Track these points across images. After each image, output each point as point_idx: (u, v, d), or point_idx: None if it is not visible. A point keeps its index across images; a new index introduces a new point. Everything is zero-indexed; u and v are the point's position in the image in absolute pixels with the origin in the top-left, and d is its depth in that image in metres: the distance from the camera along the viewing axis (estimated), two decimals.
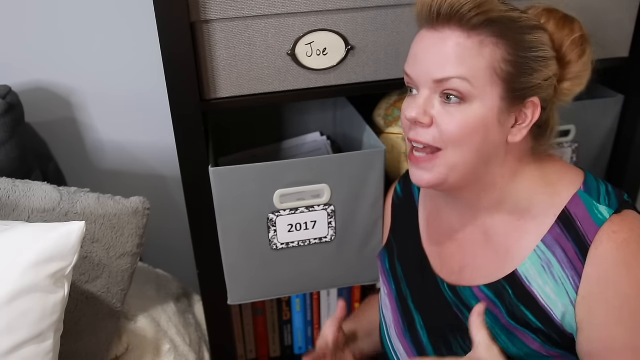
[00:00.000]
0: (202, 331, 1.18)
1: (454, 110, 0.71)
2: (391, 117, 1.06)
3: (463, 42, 0.69)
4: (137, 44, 1.26)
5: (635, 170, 1.14)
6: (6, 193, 0.94)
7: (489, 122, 0.71)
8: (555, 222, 0.74)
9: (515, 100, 0.71)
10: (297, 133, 1.25)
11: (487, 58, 0.69)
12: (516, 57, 0.70)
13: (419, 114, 0.72)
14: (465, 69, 0.69)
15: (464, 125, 0.71)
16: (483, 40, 0.69)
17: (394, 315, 0.90)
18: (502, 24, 0.70)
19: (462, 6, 0.68)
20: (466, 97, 0.70)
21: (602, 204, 0.73)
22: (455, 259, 0.84)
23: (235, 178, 0.92)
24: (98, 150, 1.36)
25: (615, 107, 1.10)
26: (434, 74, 0.71)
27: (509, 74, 0.70)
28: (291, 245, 0.99)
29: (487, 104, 0.70)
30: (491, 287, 0.78)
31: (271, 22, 0.88)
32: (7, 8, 1.19)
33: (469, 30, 0.69)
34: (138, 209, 0.97)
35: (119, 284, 0.97)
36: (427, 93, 0.72)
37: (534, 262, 0.75)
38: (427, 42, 0.72)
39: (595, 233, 0.71)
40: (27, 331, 0.76)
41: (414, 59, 0.74)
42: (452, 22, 0.70)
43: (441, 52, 0.70)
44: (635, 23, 1.03)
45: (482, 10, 0.69)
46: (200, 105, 0.89)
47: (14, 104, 1.12)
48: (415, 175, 0.76)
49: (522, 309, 0.75)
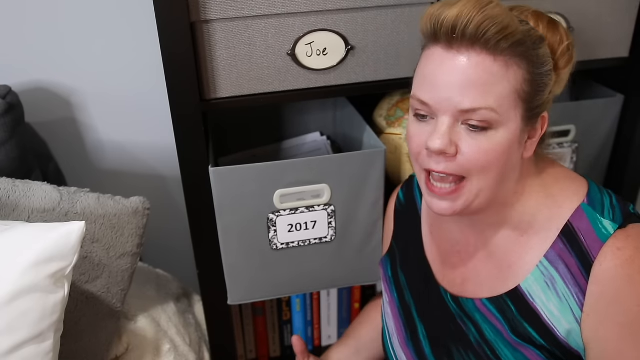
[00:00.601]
0: (202, 331, 1.18)
1: (480, 138, 0.67)
2: (393, 117, 1.06)
3: (490, 65, 0.65)
4: (137, 44, 1.26)
5: (635, 171, 1.14)
6: (6, 193, 0.94)
7: (512, 145, 0.69)
8: (558, 237, 0.72)
9: (533, 119, 0.70)
10: (297, 133, 1.25)
11: (512, 82, 0.66)
12: (534, 75, 0.68)
13: (445, 145, 0.67)
14: (492, 99, 0.66)
15: (492, 151, 0.68)
16: (507, 61, 0.66)
17: (396, 323, 0.90)
18: (524, 43, 0.67)
19: (489, 29, 0.64)
20: (493, 125, 0.67)
21: (606, 218, 0.71)
22: (457, 271, 0.83)
23: (235, 178, 0.92)
24: (98, 150, 1.36)
25: (615, 107, 1.10)
26: (461, 104, 0.66)
27: (528, 94, 0.68)
28: (291, 245, 0.99)
29: (511, 128, 0.68)
30: (493, 302, 0.77)
31: (271, 22, 0.88)
32: (7, 8, 1.19)
33: (494, 54, 0.65)
34: (138, 209, 0.97)
35: (119, 284, 0.97)
36: (449, 121, 0.67)
37: (537, 278, 0.73)
38: (448, 66, 0.67)
39: (599, 249, 0.69)
40: (27, 331, 0.76)
41: (431, 86, 0.68)
42: (477, 45, 0.65)
43: (466, 78, 0.66)
44: (635, 23, 1.03)
45: (508, 32, 0.65)
46: (200, 105, 0.89)
47: (14, 104, 1.12)
48: (437, 205, 0.72)
49: (525, 326, 0.74)
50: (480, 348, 0.78)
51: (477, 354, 0.78)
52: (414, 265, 0.89)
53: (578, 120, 1.07)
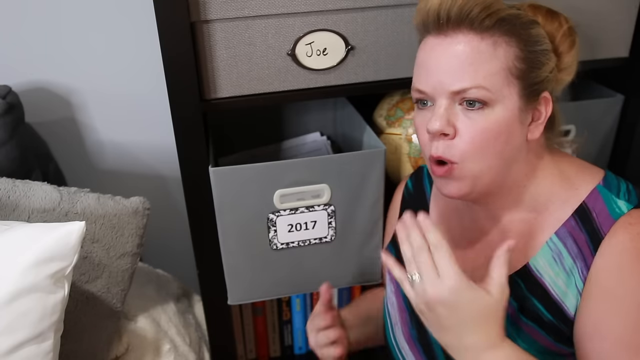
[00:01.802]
0: (202, 331, 1.18)
1: (477, 117, 0.69)
2: (393, 117, 1.06)
3: (477, 45, 0.68)
4: (137, 44, 1.26)
5: (635, 171, 1.14)
6: (6, 193, 0.94)
7: (512, 123, 0.70)
8: (572, 216, 0.73)
9: (531, 97, 0.71)
10: (297, 133, 1.25)
11: (502, 59, 0.69)
12: (527, 53, 0.70)
13: (443, 126, 0.70)
14: (481, 77, 0.68)
15: (489, 130, 0.69)
16: (496, 40, 0.69)
17: (400, 313, 0.90)
18: (510, 21, 0.70)
19: (472, 9, 0.67)
20: (488, 102, 0.69)
21: (621, 199, 0.72)
22: (467, 258, 0.83)
23: (235, 178, 0.92)
24: (98, 150, 1.36)
25: (615, 107, 1.10)
26: (451, 86, 0.69)
27: (522, 71, 0.70)
28: (291, 245, 0.99)
29: (508, 105, 0.70)
30: None
31: (271, 22, 0.88)
32: (7, 8, 1.19)
33: (481, 32, 0.69)
34: (138, 209, 0.97)
35: (119, 284, 0.97)
36: (446, 102, 0.70)
37: (545, 253, 0.74)
38: (437, 50, 0.70)
39: (610, 226, 0.70)
40: (27, 331, 0.76)
41: (425, 72, 0.72)
42: (463, 26, 0.69)
43: (454, 59, 0.69)
44: (635, 23, 1.03)
45: (492, 10, 0.68)
46: (200, 105, 0.89)
47: (14, 104, 1.12)
48: (447, 187, 0.74)
49: (533, 301, 0.74)
50: None
51: None
52: None
53: (578, 120, 1.07)
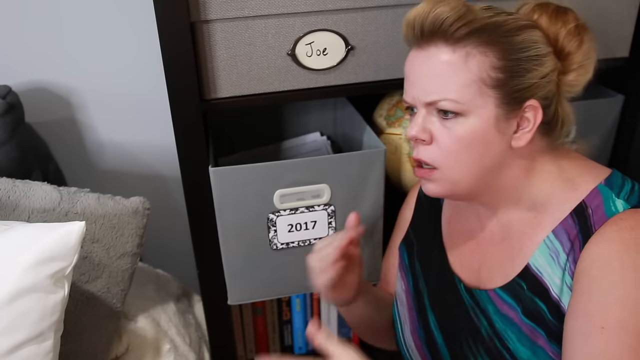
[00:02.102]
0: (202, 331, 1.18)
1: (451, 125, 0.71)
2: (393, 117, 1.06)
3: (448, 58, 0.69)
4: (137, 44, 1.26)
5: (635, 171, 1.14)
6: (6, 193, 0.94)
7: (488, 132, 0.71)
8: (569, 214, 0.73)
9: (512, 105, 0.71)
10: (297, 133, 1.25)
11: (474, 70, 0.69)
12: (506, 62, 0.69)
13: (418, 132, 0.73)
14: (450, 90, 0.70)
15: (463, 138, 0.71)
16: (469, 51, 0.69)
17: (409, 312, 0.90)
18: (486, 31, 0.69)
19: (444, 20, 0.68)
20: (460, 113, 0.71)
21: (620, 199, 0.71)
22: (474, 257, 0.84)
23: (235, 178, 0.92)
24: (98, 150, 1.36)
25: (615, 107, 1.10)
26: (424, 97, 0.72)
27: (499, 80, 0.69)
28: (291, 245, 0.99)
29: (482, 115, 0.70)
30: (506, 288, 0.77)
31: (271, 22, 0.88)
32: (7, 8, 1.19)
33: (453, 44, 0.69)
34: (138, 209, 0.97)
35: (119, 284, 0.97)
36: (424, 111, 0.74)
37: (543, 251, 0.74)
38: (415, 63, 0.73)
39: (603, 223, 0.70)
40: (27, 331, 0.76)
41: (407, 82, 0.76)
42: (436, 38, 0.70)
43: (427, 73, 0.72)
44: (635, 23, 1.03)
45: (465, 21, 0.68)
46: (200, 105, 0.89)
47: (14, 104, 1.12)
48: (426, 187, 0.78)
49: (536, 301, 0.74)
50: (490, 341, 0.78)
51: (486, 347, 0.78)
52: (431, 254, 0.89)
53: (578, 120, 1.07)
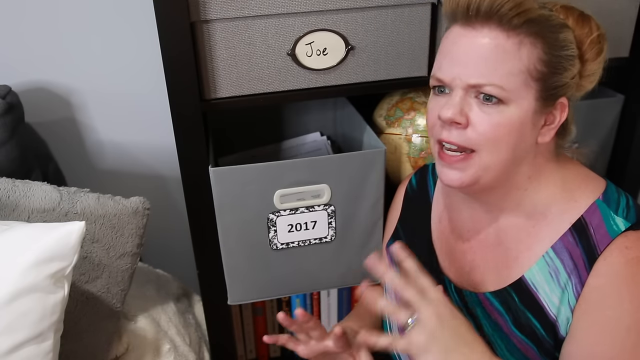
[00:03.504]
0: (202, 331, 1.18)
1: (491, 111, 0.69)
2: (393, 117, 1.06)
3: (502, 43, 0.68)
4: (137, 44, 1.26)
5: (635, 170, 1.14)
6: (6, 193, 0.94)
7: (524, 123, 0.70)
8: (569, 230, 0.73)
9: (548, 101, 0.71)
10: (297, 133, 1.25)
11: (524, 60, 0.68)
12: (551, 57, 0.69)
13: (455, 114, 0.70)
14: (499, 76, 0.68)
15: (501, 126, 0.69)
16: (522, 40, 0.68)
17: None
18: (539, 23, 0.69)
19: (503, 5, 0.67)
20: (503, 100, 0.69)
21: (619, 216, 0.71)
22: (466, 258, 0.83)
23: (235, 178, 0.92)
24: (98, 150, 1.36)
25: (615, 107, 1.10)
26: (469, 78, 0.69)
27: (543, 74, 0.69)
28: (291, 245, 0.99)
29: (523, 105, 0.70)
30: (497, 295, 0.77)
31: (271, 22, 0.88)
32: (7, 8, 1.19)
33: (508, 30, 0.68)
34: (138, 209, 0.97)
35: (119, 284, 0.97)
36: (462, 93, 0.71)
37: (542, 268, 0.74)
38: (463, 42, 0.70)
39: (607, 244, 0.69)
40: (27, 331, 0.76)
41: (449, 61, 0.72)
42: (492, 21, 0.68)
43: (477, 53, 0.69)
44: (635, 23, 1.03)
45: (522, 9, 0.67)
46: (200, 105, 0.89)
47: (14, 104, 1.12)
48: (448, 175, 0.74)
49: (528, 316, 0.74)
50: None
51: None
52: (419, 253, 0.89)
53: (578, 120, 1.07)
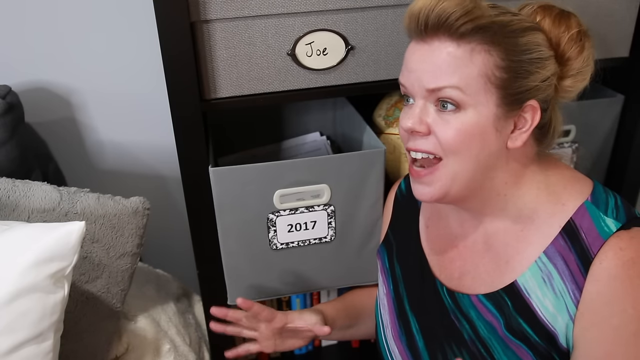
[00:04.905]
0: (202, 331, 1.18)
1: (449, 118, 0.70)
2: (392, 117, 1.06)
3: (453, 51, 0.68)
4: (137, 44, 1.26)
5: (635, 171, 1.14)
6: (6, 193, 0.94)
7: (485, 129, 0.70)
8: (559, 234, 0.72)
9: (513, 105, 0.70)
10: (297, 133, 1.25)
11: (479, 66, 0.68)
12: (509, 62, 0.69)
13: (414, 123, 0.72)
14: (457, 78, 0.68)
15: (461, 132, 0.70)
16: (474, 47, 0.68)
17: (390, 316, 0.90)
18: (492, 30, 0.68)
19: (449, 15, 0.67)
20: (460, 105, 0.69)
21: (609, 217, 0.71)
22: (455, 265, 0.83)
23: (235, 178, 0.92)
24: (98, 150, 1.36)
25: (615, 107, 1.10)
26: (427, 84, 0.70)
27: (503, 80, 0.69)
28: (291, 245, 0.99)
29: (481, 111, 0.69)
30: (490, 297, 0.77)
31: (271, 22, 0.88)
32: (7, 8, 1.19)
33: (457, 39, 0.68)
34: (138, 209, 0.97)
35: (119, 284, 0.97)
36: (422, 102, 0.72)
37: (534, 273, 0.73)
38: (417, 55, 0.72)
39: (600, 246, 0.69)
40: (27, 331, 0.76)
41: (407, 70, 0.74)
42: (440, 32, 0.69)
43: (433, 62, 0.70)
44: (635, 23, 1.03)
45: (470, 17, 0.67)
46: (200, 105, 0.89)
47: (14, 104, 1.12)
48: (417, 190, 0.76)
49: (520, 321, 0.74)
50: (473, 345, 0.78)
51: (470, 351, 0.78)
52: (410, 257, 0.89)
53: (578, 120, 1.07)
